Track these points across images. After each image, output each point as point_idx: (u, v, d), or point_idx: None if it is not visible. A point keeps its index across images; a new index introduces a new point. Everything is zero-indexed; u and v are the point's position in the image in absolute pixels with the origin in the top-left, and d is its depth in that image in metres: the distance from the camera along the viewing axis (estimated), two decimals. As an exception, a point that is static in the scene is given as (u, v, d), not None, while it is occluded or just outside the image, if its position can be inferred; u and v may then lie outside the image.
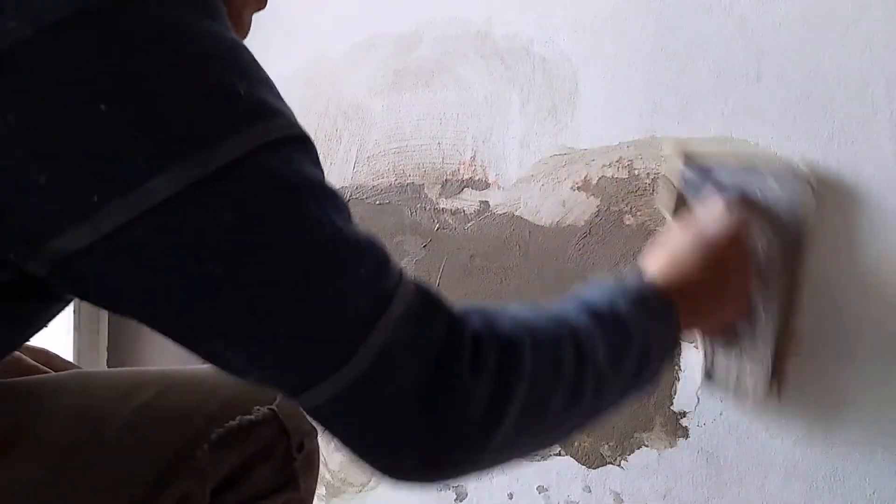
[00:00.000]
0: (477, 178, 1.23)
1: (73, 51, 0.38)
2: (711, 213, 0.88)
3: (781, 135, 1.06)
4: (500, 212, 1.21)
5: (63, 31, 0.38)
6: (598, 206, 1.14)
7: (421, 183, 1.27)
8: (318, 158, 0.47)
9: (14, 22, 0.37)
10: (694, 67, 1.11)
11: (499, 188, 1.21)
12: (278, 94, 0.46)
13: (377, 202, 1.29)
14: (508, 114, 1.22)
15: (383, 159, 1.30)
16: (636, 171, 1.12)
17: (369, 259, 0.47)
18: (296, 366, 0.45)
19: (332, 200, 0.46)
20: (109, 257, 0.40)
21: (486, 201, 1.22)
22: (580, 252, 1.14)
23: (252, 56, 0.45)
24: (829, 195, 0.96)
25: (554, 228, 1.17)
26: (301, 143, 0.46)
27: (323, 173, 0.48)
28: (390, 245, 1.29)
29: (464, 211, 1.23)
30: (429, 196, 1.26)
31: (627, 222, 1.12)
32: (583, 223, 1.15)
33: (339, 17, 1.34)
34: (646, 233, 1.11)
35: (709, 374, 1.02)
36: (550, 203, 1.17)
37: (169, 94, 0.40)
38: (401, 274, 0.49)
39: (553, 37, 1.19)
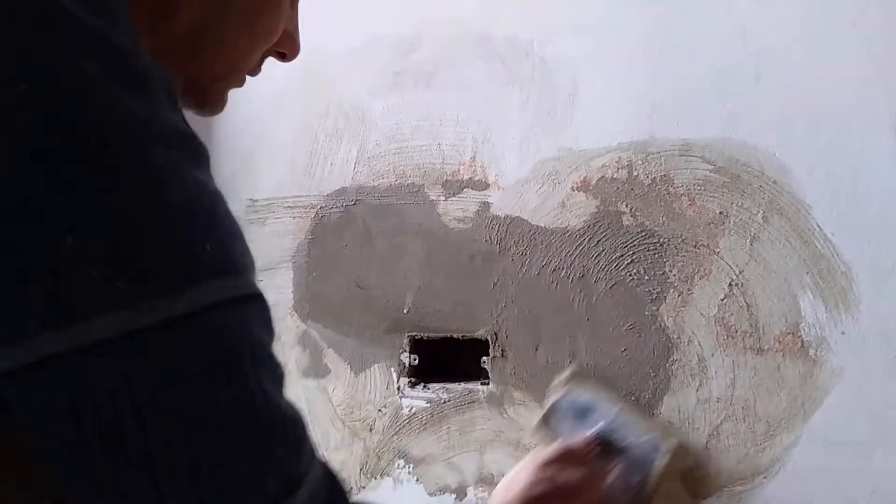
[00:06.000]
0: (477, 178, 1.23)
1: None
2: (571, 455, 0.88)
3: (781, 135, 1.06)
4: (500, 212, 1.21)
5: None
6: (597, 207, 1.14)
7: (421, 183, 1.27)
8: (269, 319, 0.46)
9: None
10: (693, 67, 1.11)
11: (499, 188, 1.21)
12: (246, 247, 0.46)
13: (378, 203, 1.30)
14: (508, 114, 1.22)
15: (384, 160, 1.30)
16: (635, 172, 1.12)
17: (289, 438, 0.45)
18: None
19: (271, 369, 0.45)
20: (30, 386, 0.39)
21: (486, 201, 1.22)
22: (580, 252, 1.14)
23: (227, 207, 0.45)
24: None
25: (554, 228, 1.17)
26: (257, 302, 0.45)
27: (273, 335, 0.47)
28: (391, 245, 1.30)
29: (464, 211, 1.23)
30: (429, 196, 1.26)
31: (626, 223, 1.12)
32: (582, 223, 1.15)
33: (340, 17, 1.35)
34: (645, 233, 1.11)
35: None
36: (550, 203, 1.17)
37: (138, 238, 0.39)
38: (313, 456, 0.47)
39: (553, 37, 1.20)
